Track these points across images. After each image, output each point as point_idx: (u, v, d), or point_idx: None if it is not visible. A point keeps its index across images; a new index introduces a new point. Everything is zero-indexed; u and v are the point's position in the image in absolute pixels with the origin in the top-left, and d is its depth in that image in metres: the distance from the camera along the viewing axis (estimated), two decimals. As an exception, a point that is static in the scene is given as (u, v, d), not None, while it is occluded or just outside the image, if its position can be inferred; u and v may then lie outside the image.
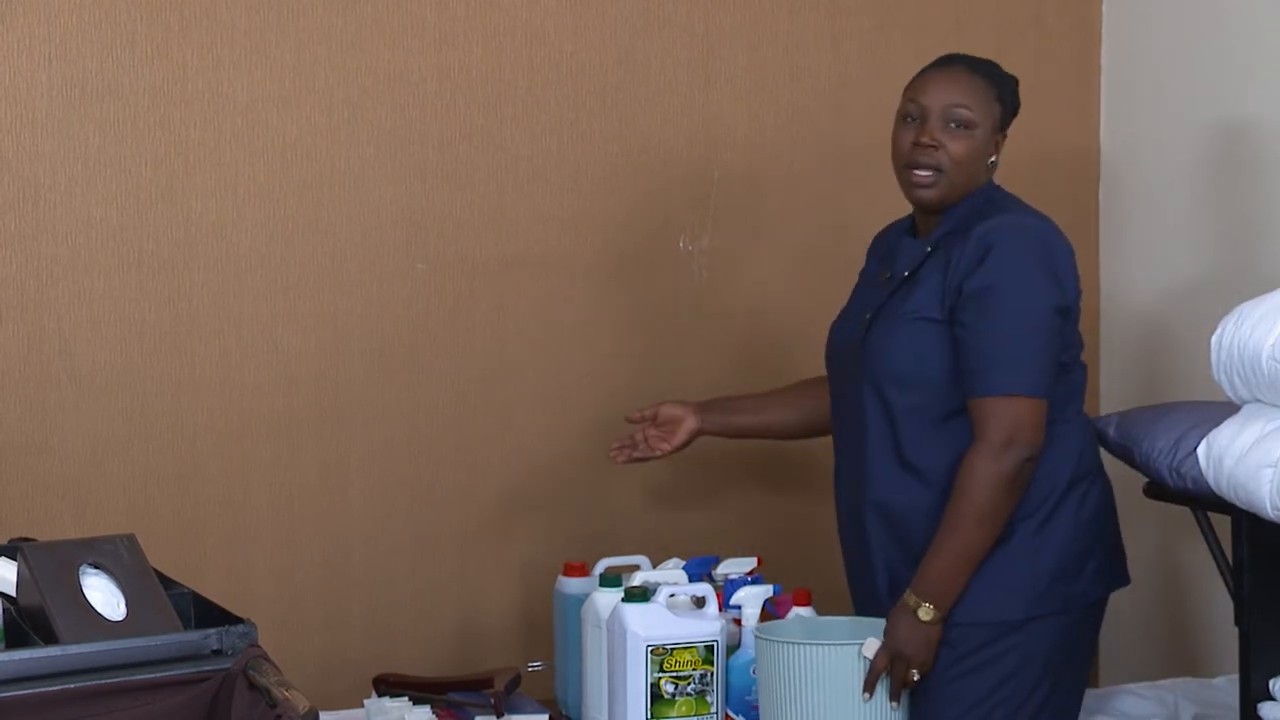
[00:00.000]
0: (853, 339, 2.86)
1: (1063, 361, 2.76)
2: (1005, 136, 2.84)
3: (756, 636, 2.83)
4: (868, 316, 2.84)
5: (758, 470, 3.58)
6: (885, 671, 2.68)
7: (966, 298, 2.70)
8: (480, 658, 3.40)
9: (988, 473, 2.66)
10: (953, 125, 2.76)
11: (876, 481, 2.79)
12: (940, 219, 2.80)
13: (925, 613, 2.68)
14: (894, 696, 2.69)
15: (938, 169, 2.76)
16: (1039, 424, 2.68)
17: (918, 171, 2.77)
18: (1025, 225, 2.74)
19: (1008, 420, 2.66)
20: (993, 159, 2.81)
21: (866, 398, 2.81)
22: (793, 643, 2.74)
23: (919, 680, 2.70)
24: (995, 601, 2.72)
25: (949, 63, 2.83)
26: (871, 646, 2.69)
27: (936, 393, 2.74)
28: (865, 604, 2.86)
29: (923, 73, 2.82)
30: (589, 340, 3.50)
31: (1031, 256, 2.71)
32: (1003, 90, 2.82)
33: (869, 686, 2.68)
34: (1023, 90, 3.74)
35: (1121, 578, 2.86)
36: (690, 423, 3.11)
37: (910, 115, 2.79)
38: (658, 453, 3.12)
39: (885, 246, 2.95)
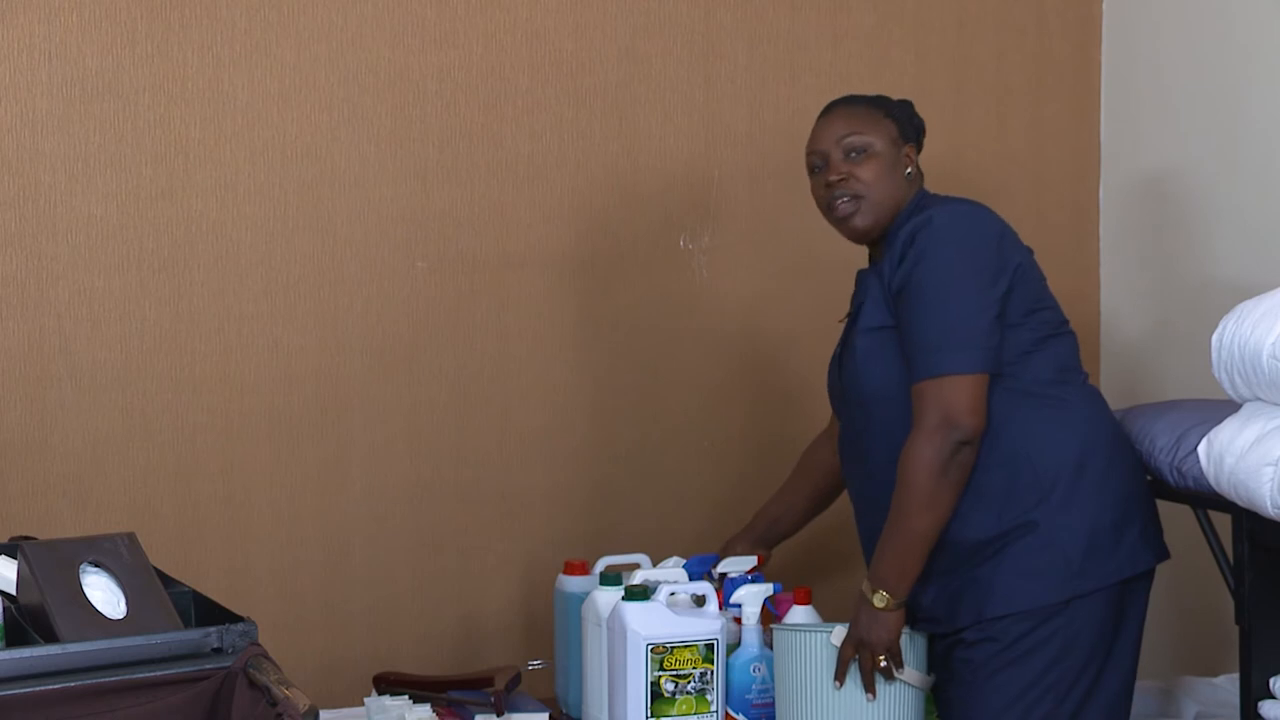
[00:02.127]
0: (835, 374, 2.93)
1: (1034, 327, 2.77)
2: (918, 148, 2.90)
3: (773, 629, 2.87)
4: (839, 350, 2.92)
5: (758, 468, 3.58)
6: (853, 659, 2.73)
7: (895, 296, 2.76)
8: (481, 656, 3.40)
9: (922, 458, 2.68)
10: (852, 155, 2.85)
11: (886, 500, 2.80)
12: (884, 242, 2.85)
13: (879, 600, 2.71)
14: (867, 686, 2.72)
15: (855, 196, 2.84)
16: (973, 405, 2.68)
17: (838, 206, 2.85)
18: (942, 213, 2.78)
19: (938, 403, 2.68)
20: (909, 170, 2.87)
21: (859, 422, 2.85)
22: (789, 629, 2.81)
23: (888, 668, 2.72)
24: (1032, 588, 2.72)
25: (827, 110, 2.94)
26: (839, 635, 2.75)
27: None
28: None
29: (813, 127, 2.93)
30: (589, 338, 3.50)
31: (946, 241, 2.74)
32: (891, 109, 2.91)
33: (839, 675, 2.74)
34: (1023, 90, 3.78)
35: (1159, 551, 2.85)
36: (765, 557, 3.20)
37: (815, 166, 2.91)
38: None
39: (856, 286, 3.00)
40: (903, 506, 2.70)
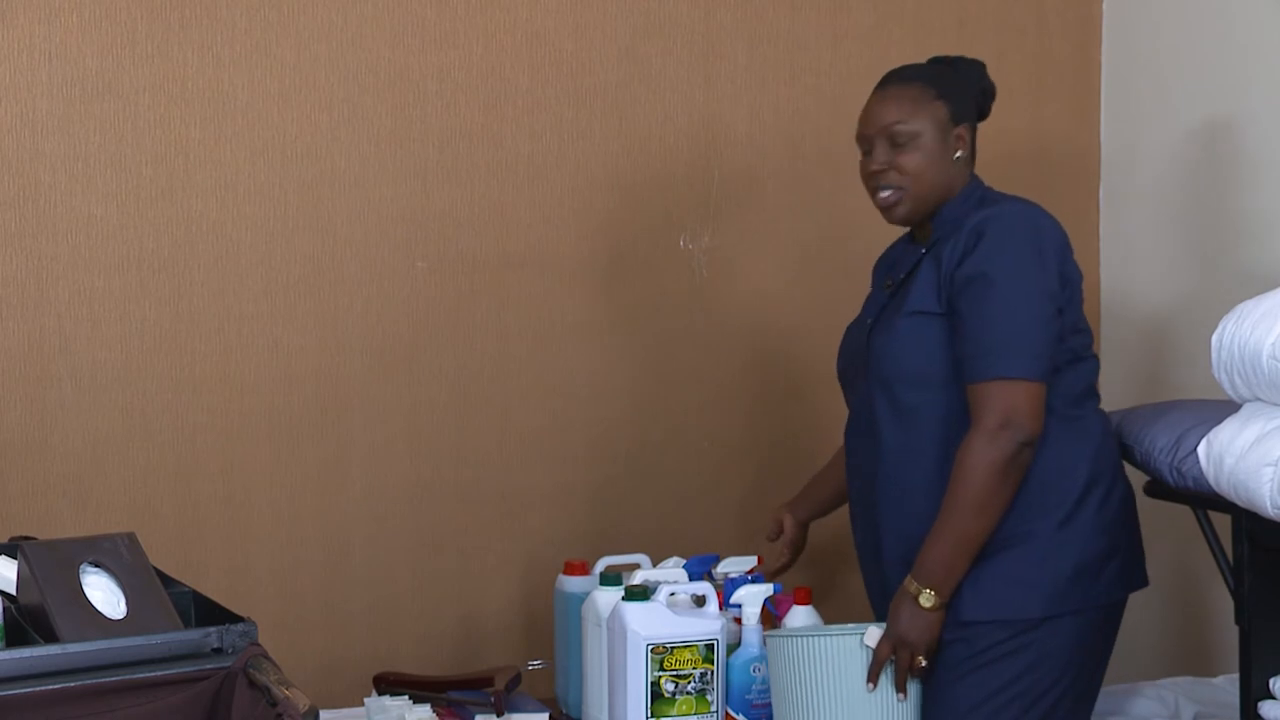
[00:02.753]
0: (858, 345, 2.88)
1: (1071, 347, 2.77)
2: (971, 127, 2.85)
3: (766, 636, 2.85)
4: (870, 321, 2.87)
5: (758, 469, 3.58)
6: (889, 659, 2.69)
7: (960, 286, 2.72)
8: (481, 656, 3.40)
9: (983, 457, 2.65)
10: (898, 142, 2.81)
11: (889, 483, 2.79)
12: (933, 224, 2.82)
13: (926, 599, 2.69)
14: (899, 686, 2.70)
15: (897, 188, 2.80)
16: (1035, 410, 2.67)
17: (880, 195, 2.82)
18: (1015, 212, 2.76)
19: (1002, 404, 2.66)
20: (958, 154, 2.82)
21: (876, 399, 2.82)
22: (799, 635, 2.77)
23: (925, 668, 2.70)
24: (1014, 600, 2.72)
25: (882, 85, 2.88)
26: (873, 635, 2.71)
27: (942, 388, 2.74)
28: (883, 604, 2.84)
29: (867, 101, 2.88)
30: (589, 338, 3.50)
31: (1022, 242, 2.72)
32: (944, 86, 2.83)
33: (873, 675, 2.70)
34: (1023, 90, 3.78)
35: (1141, 579, 2.86)
36: (790, 524, 3.20)
37: (863, 149, 2.86)
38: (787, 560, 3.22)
39: (888, 261, 2.97)
40: (957, 506, 2.67)
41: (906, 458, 2.77)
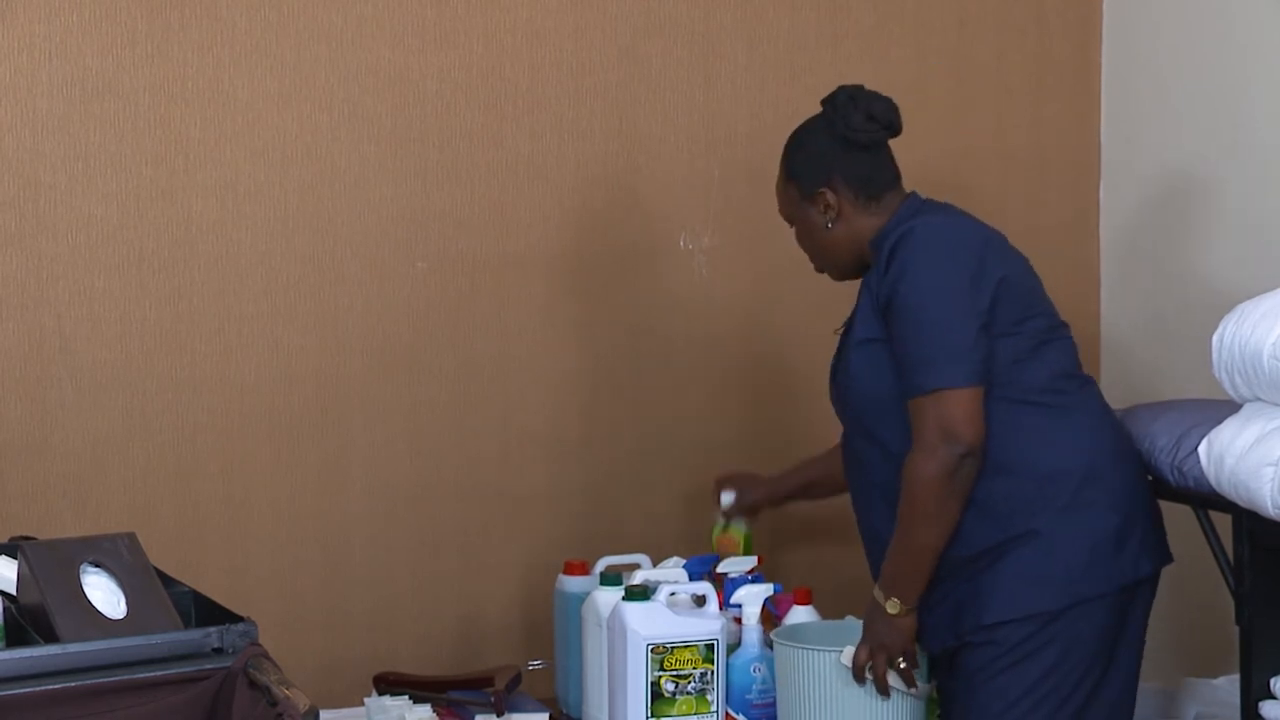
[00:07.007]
0: (832, 384, 2.92)
1: (1029, 334, 2.75)
2: (826, 187, 2.86)
3: (775, 640, 2.86)
4: (835, 361, 2.91)
5: (757, 469, 3.57)
6: (868, 664, 2.73)
7: (883, 308, 2.75)
8: (481, 656, 3.40)
9: (924, 472, 2.67)
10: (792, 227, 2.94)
11: (884, 520, 2.79)
12: (873, 251, 2.84)
13: (892, 606, 2.72)
14: (880, 690, 2.73)
15: (813, 259, 2.94)
16: (970, 415, 2.67)
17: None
18: (922, 225, 2.76)
19: (935, 417, 2.67)
20: (827, 221, 2.87)
21: (856, 437, 2.85)
22: (806, 648, 2.80)
23: (906, 669, 2.72)
24: (1031, 595, 2.72)
25: None
26: (848, 655, 2.76)
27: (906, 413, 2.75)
28: None
29: None
30: (589, 338, 3.50)
31: (927, 252, 2.72)
32: (793, 164, 2.91)
33: (858, 679, 2.74)
34: (1023, 90, 3.78)
35: (1163, 555, 2.84)
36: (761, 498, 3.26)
37: None
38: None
39: None
40: (908, 520, 2.70)
41: (893, 493, 2.75)
